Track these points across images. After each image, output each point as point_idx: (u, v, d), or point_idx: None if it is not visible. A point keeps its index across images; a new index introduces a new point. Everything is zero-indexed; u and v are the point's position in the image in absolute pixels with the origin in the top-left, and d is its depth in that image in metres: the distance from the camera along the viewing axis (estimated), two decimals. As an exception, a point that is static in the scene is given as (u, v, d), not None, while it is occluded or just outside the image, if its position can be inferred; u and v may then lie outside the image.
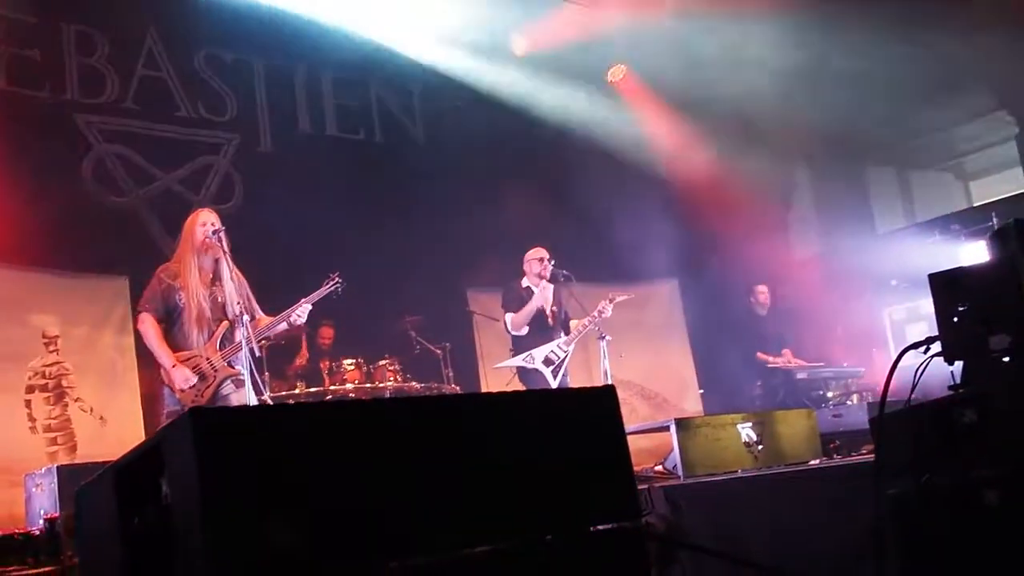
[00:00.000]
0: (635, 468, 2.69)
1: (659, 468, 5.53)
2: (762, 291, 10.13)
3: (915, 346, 3.29)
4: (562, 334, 7.66)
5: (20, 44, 8.11)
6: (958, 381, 3.26)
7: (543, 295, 7.67)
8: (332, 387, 8.09)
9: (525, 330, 7.60)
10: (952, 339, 3.27)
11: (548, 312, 7.70)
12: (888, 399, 3.17)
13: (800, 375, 9.43)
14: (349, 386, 8.05)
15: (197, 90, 9.11)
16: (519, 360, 7.54)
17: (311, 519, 1.97)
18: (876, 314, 10.58)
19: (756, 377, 9.63)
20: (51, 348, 7.74)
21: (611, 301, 7.51)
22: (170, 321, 5.72)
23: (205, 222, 5.78)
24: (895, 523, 3.12)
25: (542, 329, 7.62)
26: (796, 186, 12.31)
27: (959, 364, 3.28)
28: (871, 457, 4.54)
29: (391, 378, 8.21)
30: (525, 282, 7.76)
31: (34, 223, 7.53)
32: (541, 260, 7.71)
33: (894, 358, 3.17)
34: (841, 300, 10.55)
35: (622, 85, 10.90)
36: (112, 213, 8.41)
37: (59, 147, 8.10)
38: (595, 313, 7.46)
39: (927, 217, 11.31)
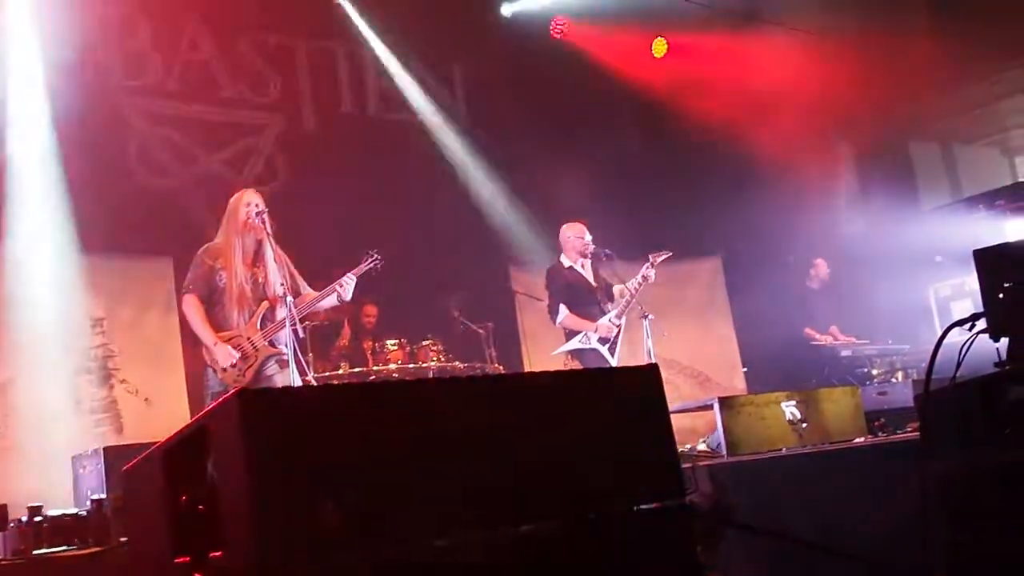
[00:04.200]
0: (678, 447, 2.68)
1: (703, 447, 5.51)
2: (820, 264, 10.04)
3: (961, 323, 3.25)
4: (608, 305, 7.57)
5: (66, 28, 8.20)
6: (1004, 358, 3.22)
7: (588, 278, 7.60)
8: (375, 367, 8.12)
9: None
10: (998, 315, 3.22)
11: (592, 288, 7.61)
12: (934, 376, 3.13)
13: (844, 352, 9.34)
14: (392, 366, 8.07)
15: (240, 72, 9.16)
16: (576, 342, 7.43)
17: (357, 498, 1.99)
18: (921, 291, 10.44)
19: (800, 355, 9.54)
20: (97, 330, 7.87)
21: (653, 264, 7.38)
22: (211, 302, 5.74)
23: (249, 203, 5.79)
24: (941, 501, 3.09)
25: (589, 304, 7.54)
26: (839, 161, 12.16)
27: (1005, 340, 3.23)
28: (916, 435, 4.49)
29: (434, 358, 8.22)
30: (566, 261, 7.66)
31: (79, 205, 7.65)
32: (581, 237, 7.60)
33: (939, 335, 3.13)
34: (885, 277, 10.42)
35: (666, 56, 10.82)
36: (156, 195, 8.49)
37: (104, 130, 8.19)
38: (640, 278, 7.33)
39: (972, 192, 11.13)
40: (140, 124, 8.57)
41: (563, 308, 7.49)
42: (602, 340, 7.37)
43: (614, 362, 7.31)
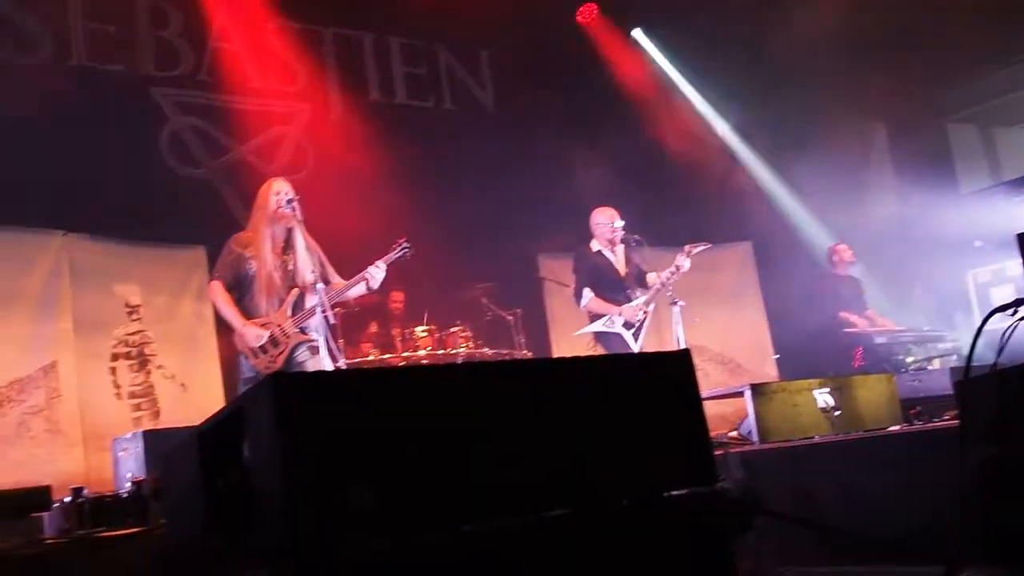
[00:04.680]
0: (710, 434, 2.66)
1: (734, 434, 5.48)
2: (841, 249, 9.92)
3: (1003, 308, 3.19)
4: (638, 292, 7.50)
5: (96, 20, 8.28)
6: (1048, 345, 3.17)
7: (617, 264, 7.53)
8: (405, 354, 8.14)
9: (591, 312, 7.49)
10: (1043, 301, 3.17)
11: (621, 275, 7.54)
12: (973, 363, 3.09)
13: (879, 339, 9.22)
14: (422, 352, 8.09)
15: (268, 61, 9.20)
16: (600, 325, 7.35)
17: (388, 482, 1.99)
18: (959, 276, 10.30)
19: (834, 342, 9.43)
20: (133, 317, 7.97)
21: (688, 254, 7.24)
22: (241, 290, 5.72)
23: (279, 191, 5.79)
24: (978, 491, 3.05)
25: (616, 290, 7.48)
26: (874, 144, 12.00)
27: (1050, 327, 3.18)
28: (953, 423, 4.44)
29: (463, 344, 8.24)
30: (595, 245, 7.57)
31: (114, 195, 7.74)
32: (611, 222, 7.46)
33: (980, 321, 3.09)
34: (922, 262, 10.29)
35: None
36: (188, 184, 8.58)
37: (136, 120, 8.28)
38: (673, 267, 7.17)
39: (1014, 175, 10.95)
40: (172, 113, 8.65)
41: (587, 291, 7.42)
42: (626, 325, 7.27)
43: (637, 348, 7.18)
